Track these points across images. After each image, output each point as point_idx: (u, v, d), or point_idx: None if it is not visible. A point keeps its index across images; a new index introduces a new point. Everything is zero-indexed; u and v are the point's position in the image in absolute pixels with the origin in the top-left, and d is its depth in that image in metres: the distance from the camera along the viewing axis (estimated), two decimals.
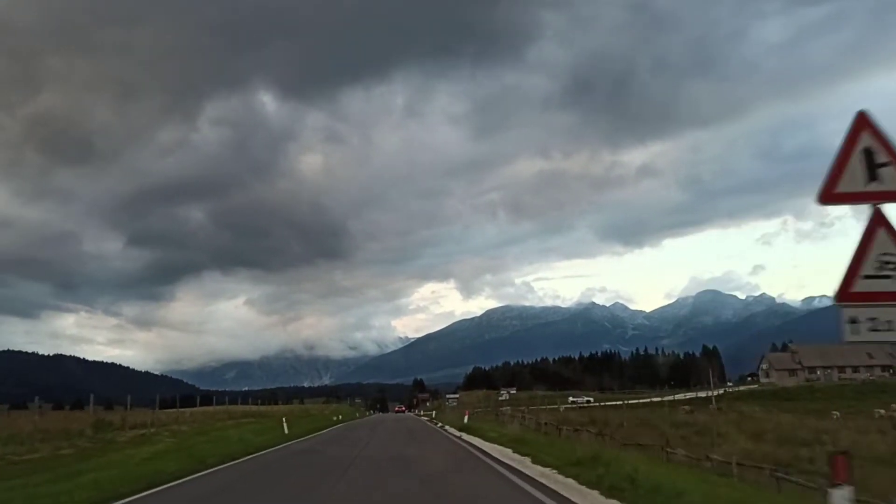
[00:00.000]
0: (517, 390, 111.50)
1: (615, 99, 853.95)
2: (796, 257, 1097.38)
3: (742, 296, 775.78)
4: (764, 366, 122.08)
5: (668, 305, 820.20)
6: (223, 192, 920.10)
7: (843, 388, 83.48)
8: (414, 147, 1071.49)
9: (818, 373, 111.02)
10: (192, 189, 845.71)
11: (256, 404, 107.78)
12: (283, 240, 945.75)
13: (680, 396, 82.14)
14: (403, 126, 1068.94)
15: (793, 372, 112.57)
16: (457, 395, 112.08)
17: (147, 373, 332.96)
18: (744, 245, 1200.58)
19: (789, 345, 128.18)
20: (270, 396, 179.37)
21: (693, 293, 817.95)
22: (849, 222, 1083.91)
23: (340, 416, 62.94)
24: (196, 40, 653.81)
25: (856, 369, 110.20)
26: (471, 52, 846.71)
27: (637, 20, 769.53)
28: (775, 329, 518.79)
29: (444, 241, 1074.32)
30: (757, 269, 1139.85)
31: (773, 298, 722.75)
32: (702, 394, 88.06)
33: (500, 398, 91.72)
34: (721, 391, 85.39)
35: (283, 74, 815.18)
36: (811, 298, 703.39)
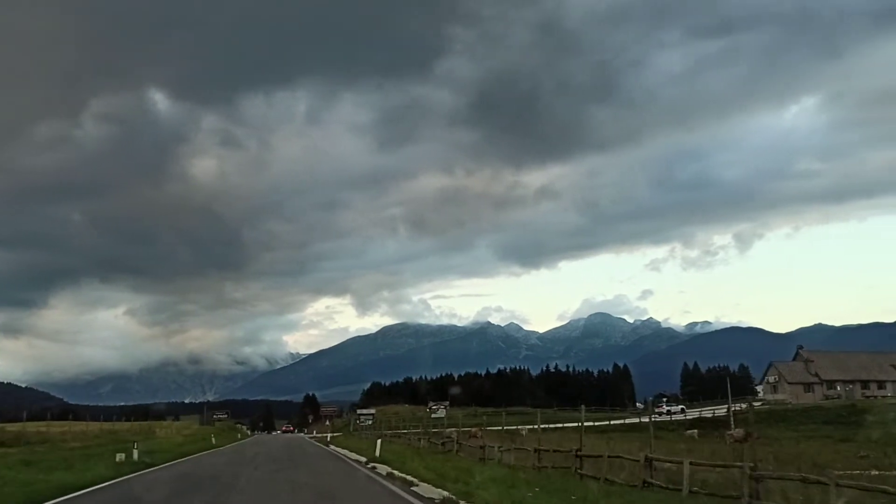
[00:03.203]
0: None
1: (519, 119, 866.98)
2: (682, 283, 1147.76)
3: (630, 319, 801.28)
4: (771, 378, 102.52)
5: (561, 327, 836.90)
6: (106, 194, 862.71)
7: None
8: (315, 156, 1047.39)
9: (838, 388, 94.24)
10: (71, 189, 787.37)
11: (129, 420, 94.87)
12: (170, 247, 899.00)
13: (663, 418, 70.80)
14: (305, 134, 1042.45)
15: (808, 387, 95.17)
16: (371, 412, 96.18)
17: (10, 384, 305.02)
18: (634, 270, 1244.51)
19: (800, 350, 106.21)
20: (143, 412, 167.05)
21: (585, 315, 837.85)
22: (731, 252, 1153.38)
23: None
24: (82, 29, 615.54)
25: (881, 385, 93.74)
26: (378, 61, 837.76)
27: (544, 41, 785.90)
28: (661, 353, 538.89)
29: (341, 255, 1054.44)
30: (645, 293, 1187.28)
31: (659, 323, 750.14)
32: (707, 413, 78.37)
33: (434, 416, 79.20)
34: (724, 410, 75.40)
35: (178, 72, 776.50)
36: (694, 324, 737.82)
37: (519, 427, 35.82)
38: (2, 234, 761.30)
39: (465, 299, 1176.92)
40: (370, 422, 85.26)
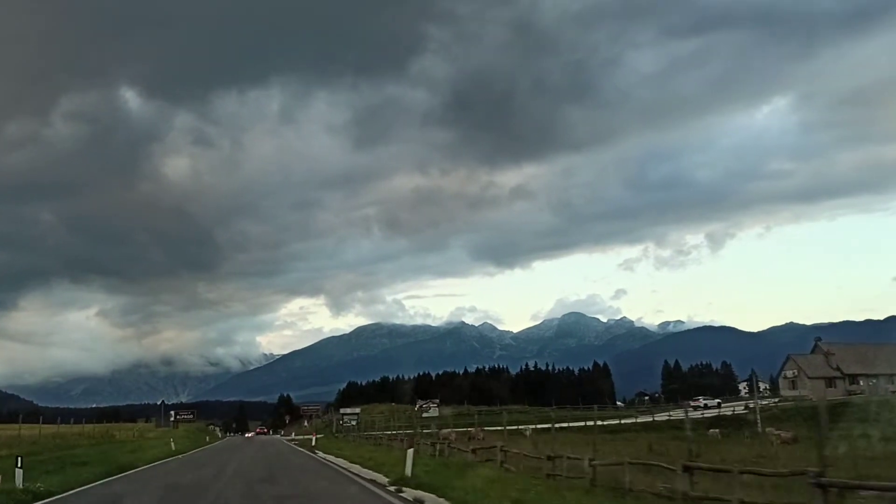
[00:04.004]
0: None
1: (494, 118, 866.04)
2: (655, 283, 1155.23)
3: (604, 319, 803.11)
4: (789, 372, 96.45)
5: (535, 326, 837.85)
6: (77, 193, 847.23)
7: None
8: (289, 155, 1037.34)
9: (861, 382, 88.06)
10: (41, 188, 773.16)
11: (99, 422, 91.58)
12: (142, 247, 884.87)
13: (673, 415, 67.64)
14: (279, 133, 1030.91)
15: (830, 381, 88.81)
16: (356, 411, 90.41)
17: None
18: (607, 269, 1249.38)
19: (819, 342, 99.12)
20: (114, 414, 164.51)
21: (559, 315, 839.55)
22: (704, 251, 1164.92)
23: None
24: (50, 25, 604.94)
25: None
26: (353, 60, 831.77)
27: (519, 41, 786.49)
28: (635, 352, 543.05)
29: (315, 256, 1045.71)
30: (619, 293, 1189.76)
31: (632, 322, 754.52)
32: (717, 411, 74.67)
33: (425, 415, 75.59)
34: (744, 406, 72.10)
35: (150, 70, 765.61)
36: (667, 323, 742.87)
37: (521, 427, 34.18)
38: None
39: (439, 299, 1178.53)
40: (355, 422, 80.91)
